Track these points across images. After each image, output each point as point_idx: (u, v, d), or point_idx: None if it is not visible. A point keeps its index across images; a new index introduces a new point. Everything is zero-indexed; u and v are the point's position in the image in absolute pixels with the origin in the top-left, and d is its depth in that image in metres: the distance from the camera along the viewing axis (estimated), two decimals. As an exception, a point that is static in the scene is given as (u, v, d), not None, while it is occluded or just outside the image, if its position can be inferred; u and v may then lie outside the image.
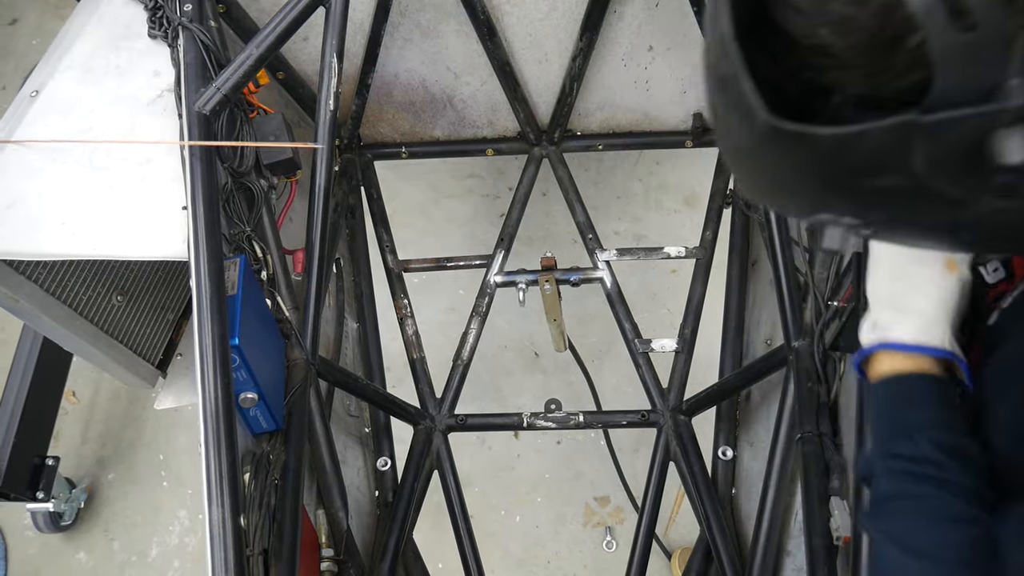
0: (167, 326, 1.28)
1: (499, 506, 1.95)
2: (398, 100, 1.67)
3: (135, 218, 0.96)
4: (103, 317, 1.13)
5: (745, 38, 0.39)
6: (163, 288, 1.27)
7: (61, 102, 1.03)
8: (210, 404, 0.82)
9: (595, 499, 1.95)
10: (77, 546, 1.90)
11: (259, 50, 1.07)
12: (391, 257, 1.63)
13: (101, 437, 2.05)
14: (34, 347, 1.64)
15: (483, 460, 2.00)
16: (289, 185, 1.27)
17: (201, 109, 1.00)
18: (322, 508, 1.08)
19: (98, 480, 1.98)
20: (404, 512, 1.29)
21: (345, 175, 1.67)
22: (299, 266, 1.19)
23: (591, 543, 1.89)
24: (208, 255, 0.89)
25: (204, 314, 0.86)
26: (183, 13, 1.07)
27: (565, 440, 2.02)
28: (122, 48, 1.09)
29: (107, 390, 2.10)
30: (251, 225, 1.07)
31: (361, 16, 1.45)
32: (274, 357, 1.03)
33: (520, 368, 2.13)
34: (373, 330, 1.56)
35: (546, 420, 1.42)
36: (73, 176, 0.97)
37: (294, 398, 1.02)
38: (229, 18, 1.27)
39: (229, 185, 1.07)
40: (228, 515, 0.78)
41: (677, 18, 1.48)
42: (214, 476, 0.79)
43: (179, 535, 1.92)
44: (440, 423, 1.43)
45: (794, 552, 1.11)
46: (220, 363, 0.84)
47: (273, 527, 0.87)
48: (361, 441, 1.45)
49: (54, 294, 1.04)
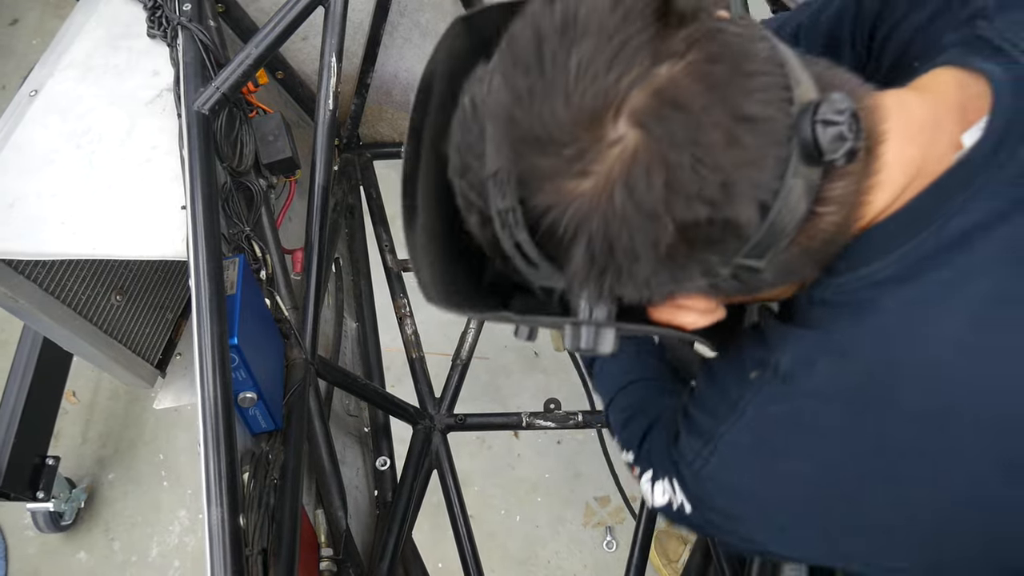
0: (166, 326, 1.28)
1: (499, 506, 1.95)
2: (397, 100, 1.67)
3: (134, 218, 0.96)
4: (102, 317, 1.13)
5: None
6: (162, 288, 1.27)
7: (60, 101, 1.03)
8: (209, 404, 0.82)
9: (595, 499, 1.95)
10: (77, 546, 1.90)
11: (258, 50, 1.06)
12: (390, 257, 1.62)
13: (101, 437, 2.05)
14: (34, 347, 1.64)
15: (483, 460, 2.00)
16: (288, 184, 1.27)
17: (200, 108, 1.00)
18: (321, 508, 1.08)
19: (98, 480, 1.98)
20: (403, 512, 1.28)
21: (344, 175, 1.67)
22: (298, 266, 1.19)
23: (591, 543, 1.89)
24: (207, 255, 0.89)
25: (203, 314, 0.86)
26: (182, 13, 1.07)
27: (565, 440, 2.02)
28: (121, 47, 1.09)
29: (107, 390, 2.10)
30: (250, 224, 1.07)
31: (360, 16, 1.45)
32: (273, 357, 1.03)
33: (520, 368, 2.13)
34: (372, 330, 1.56)
35: (545, 420, 1.42)
36: (72, 176, 0.97)
37: (293, 398, 1.02)
38: (228, 18, 1.27)
39: (228, 184, 1.07)
40: (227, 515, 0.78)
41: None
42: (213, 476, 0.79)
43: (179, 535, 1.92)
44: (439, 423, 1.43)
45: (794, 552, 1.10)
46: (219, 363, 0.84)
47: (272, 527, 0.87)
48: (360, 441, 1.45)
49: (53, 294, 1.04)
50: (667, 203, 0.41)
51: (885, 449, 0.49)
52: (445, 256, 0.56)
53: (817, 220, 0.46)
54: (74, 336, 1.09)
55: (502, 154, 0.44)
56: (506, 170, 0.43)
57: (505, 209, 0.44)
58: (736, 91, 0.41)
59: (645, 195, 0.41)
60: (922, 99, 0.51)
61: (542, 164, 0.42)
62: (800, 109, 0.42)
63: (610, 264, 0.44)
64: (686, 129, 0.40)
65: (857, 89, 0.49)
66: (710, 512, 0.59)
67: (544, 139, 0.42)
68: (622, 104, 0.41)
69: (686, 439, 0.60)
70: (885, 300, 0.48)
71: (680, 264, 0.44)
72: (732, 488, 0.57)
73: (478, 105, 0.46)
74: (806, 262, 0.49)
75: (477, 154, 0.46)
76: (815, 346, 0.51)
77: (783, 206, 0.43)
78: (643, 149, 0.41)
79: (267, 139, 1.16)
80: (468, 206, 0.48)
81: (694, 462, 0.58)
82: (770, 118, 0.42)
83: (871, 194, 0.48)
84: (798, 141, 0.42)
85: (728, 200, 0.41)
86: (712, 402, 0.58)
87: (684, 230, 0.42)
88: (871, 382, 0.49)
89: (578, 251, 0.44)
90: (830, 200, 0.46)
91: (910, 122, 0.49)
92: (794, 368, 0.51)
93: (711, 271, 0.46)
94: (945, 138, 0.49)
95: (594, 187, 0.42)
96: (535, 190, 0.43)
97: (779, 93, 0.42)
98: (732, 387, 0.55)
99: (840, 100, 0.42)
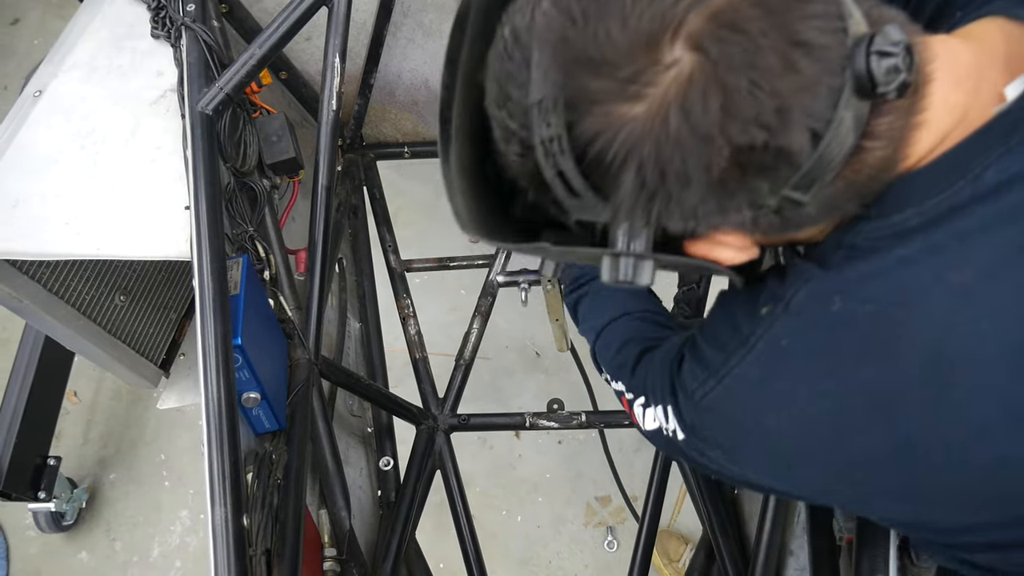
0: (170, 326, 1.28)
1: (501, 506, 1.95)
2: (401, 100, 1.67)
3: (138, 218, 0.96)
4: (106, 317, 1.13)
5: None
6: (166, 288, 1.27)
7: (64, 102, 1.03)
8: (213, 404, 0.82)
9: (596, 499, 1.95)
10: (79, 546, 1.90)
11: (262, 50, 1.06)
12: (394, 257, 1.62)
13: (103, 437, 2.05)
14: (36, 347, 1.64)
15: (485, 460, 2.00)
16: (292, 185, 1.27)
17: (204, 109, 1.00)
18: (325, 508, 1.08)
19: (100, 480, 1.98)
20: (407, 512, 1.28)
21: (348, 175, 1.67)
22: (302, 266, 1.19)
23: (592, 543, 1.89)
24: (211, 255, 0.89)
25: (207, 314, 0.86)
26: (186, 13, 1.07)
27: (567, 440, 2.02)
28: (125, 48, 1.09)
29: (109, 390, 2.10)
30: (254, 225, 1.07)
31: (364, 16, 1.45)
32: (277, 357, 1.03)
33: (522, 368, 2.13)
34: (375, 330, 1.56)
35: (548, 420, 1.42)
36: (77, 176, 0.97)
37: (297, 398, 1.02)
38: (232, 18, 1.27)
39: (232, 185, 1.07)
40: (231, 515, 0.78)
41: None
42: (217, 476, 0.79)
43: (181, 535, 1.92)
44: (442, 423, 1.43)
45: (797, 552, 1.10)
46: (223, 363, 0.84)
47: (276, 527, 0.87)
48: (364, 441, 1.45)
49: (57, 294, 1.04)
50: (723, 127, 0.41)
51: (890, 390, 0.49)
52: (479, 186, 0.55)
53: (864, 154, 0.46)
54: (78, 336, 1.09)
55: (550, 79, 0.43)
56: (552, 96, 0.43)
57: (551, 137, 0.44)
58: (793, 16, 0.41)
59: (701, 118, 0.41)
60: (968, 47, 0.51)
61: (594, 87, 0.42)
62: (855, 40, 0.43)
63: (660, 190, 0.44)
64: (744, 52, 0.40)
65: (906, 25, 0.48)
66: (702, 443, 0.59)
67: (598, 60, 0.41)
68: (680, 27, 0.41)
69: (690, 368, 0.60)
70: (906, 248, 0.48)
71: (730, 191, 0.44)
72: (735, 420, 0.57)
73: (521, 34, 0.46)
74: (850, 197, 0.49)
75: (520, 83, 0.45)
76: (832, 284, 0.51)
77: (834, 137, 0.43)
78: (700, 72, 0.41)
79: (271, 139, 1.16)
80: (508, 136, 0.48)
81: (695, 392, 0.58)
82: (826, 45, 0.42)
83: (917, 131, 0.48)
84: (852, 72, 0.42)
85: (783, 126, 0.42)
86: (724, 336, 0.58)
87: (738, 154, 0.42)
88: (880, 324, 0.49)
89: (627, 177, 0.43)
90: (877, 135, 0.46)
91: (956, 67, 0.49)
92: (807, 302, 0.52)
93: (758, 201, 0.46)
94: (990, 87, 0.49)
95: (647, 111, 0.42)
96: (584, 114, 0.43)
97: (834, 23, 0.43)
98: (743, 322, 0.56)
99: (894, 32, 0.42)
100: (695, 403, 0.59)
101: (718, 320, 0.61)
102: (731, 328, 0.57)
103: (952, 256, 0.47)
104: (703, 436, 0.60)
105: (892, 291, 0.49)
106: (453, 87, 0.53)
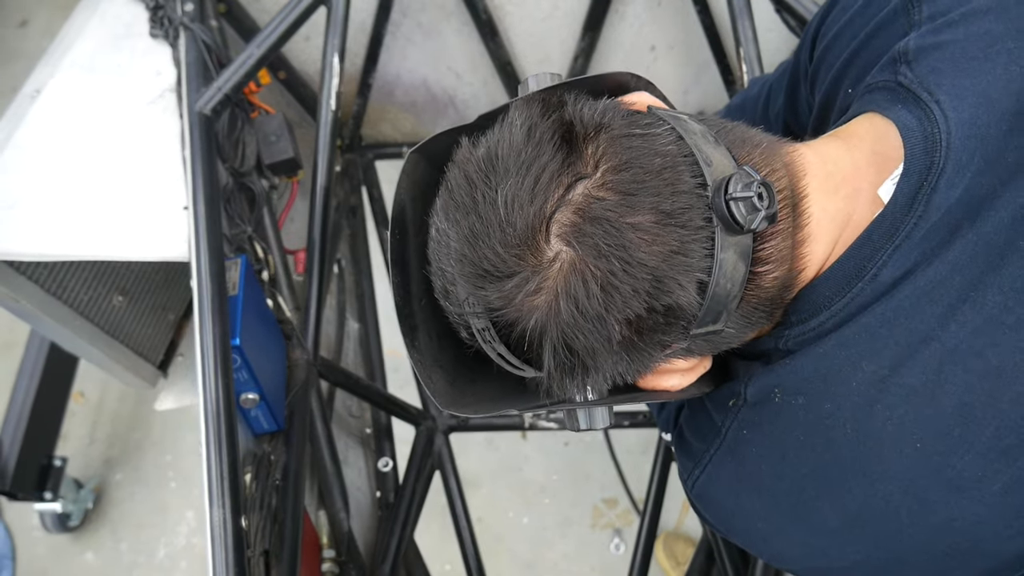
0: (168, 327, 1.28)
1: (507, 508, 1.94)
2: (400, 100, 1.67)
3: (136, 219, 0.96)
4: (104, 317, 1.13)
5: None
6: (164, 288, 1.27)
7: (62, 102, 1.04)
8: (211, 405, 0.82)
9: (603, 501, 1.94)
10: (85, 546, 1.91)
11: (260, 50, 1.06)
12: (394, 257, 1.62)
13: (109, 438, 2.05)
14: (42, 349, 1.65)
15: (491, 461, 1.99)
16: (290, 185, 1.27)
17: (202, 109, 1.00)
18: (323, 509, 1.07)
19: (106, 481, 1.99)
20: (406, 513, 1.28)
21: (347, 175, 1.67)
22: (300, 266, 1.19)
23: (599, 545, 1.88)
24: (209, 255, 0.89)
25: (205, 315, 0.86)
26: (184, 13, 1.07)
27: (573, 441, 2.01)
28: (123, 48, 1.09)
29: (114, 391, 2.11)
30: (252, 225, 1.07)
31: (362, 16, 1.45)
32: (275, 358, 1.02)
33: (525, 368, 2.11)
34: (374, 331, 1.56)
35: (548, 420, 1.41)
36: (74, 176, 0.97)
37: (295, 399, 1.02)
38: (230, 18, 1.27)
39: (230, 185, 1.07)
40: (229, 516, 0.78)
41: (680, 17, 1.47)
42: (215, 477, 0.79)
43: (186, 536, 1.92)
44: (441, 424, 1.42)
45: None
46: (221, 364, 0.84)
47: (274, 528, 0.87)
48: (362, 442, 1.45)
49: (55, 295, 1.04)
50: (607, 306, 0.45)
51: (831, 472, 0.54)
52: (448, 368, 0.59)
53: (759, 279, 0.50)
54: (76, 337, 1.09)
55: (465, 287, 0.49)
56: (473, 298, 0.48)
57: (481, 328, 0.49)
58: (648, 192, 0.45)
59: (587, 302, 0.45)
60: (845, 148, 0.54)
61: (499, 290, 0.47)
62: (715, 186, 0.46)
63: (576, 363, 0.48)
64: (608, 237, 0.44)
65: (775, 146, 0.53)
66: (706, 524, 0.63)
67: (493, 272, 0.46)
68: (550, 225, 0.45)
69: (680, 461, 0.66)
70: (823, 346, 0.53)
71: (640, 350, 0.48)
72: (720, 503, 0.63)
73: (440, 238, 0.51)
74: (763, 313, 0.53)
75: (451, 279, 0.50)
76: (771, 380, 0.56)
77: (720, 277, 0.47)
78: (578, 261, 0.45)
79: (269, 139, 1.16)
80: (456, 323, 0.53)
81: (687, 481, 0.64)
82: (685, 207, 0.45)
83: (804, 247, 0.52)
84: (718, 218, 0.46)
85: (663, 290, 0.45)
86: (704, 427, 0.63)
87: (630, 324, 0.46)
88: (811, 413, 0.54)
89: (547, 356, 0.48)
90: (766, 259, 0.50)
91: (832, 175, 0.53)
92: (756, 395, 0.57)
93: (671, 347, 0.50)
94: (869, 187, 0.53)
95: (546, 300, 0.46)
96: (500, 308, 0.48)
97: (690, 181, 0.46)
98: (716, 413, 0.61)
99: (746, 175, 0.45)
100: (689, 491, 0.64)
101: (698, 411, 0.65)
102: (708, 419, 0.62)
103: (863, 348, 0.51)
104: (704, 518, 0.65)
105: (817, 383, 0.53)
106: (405, 285, 0.57)
